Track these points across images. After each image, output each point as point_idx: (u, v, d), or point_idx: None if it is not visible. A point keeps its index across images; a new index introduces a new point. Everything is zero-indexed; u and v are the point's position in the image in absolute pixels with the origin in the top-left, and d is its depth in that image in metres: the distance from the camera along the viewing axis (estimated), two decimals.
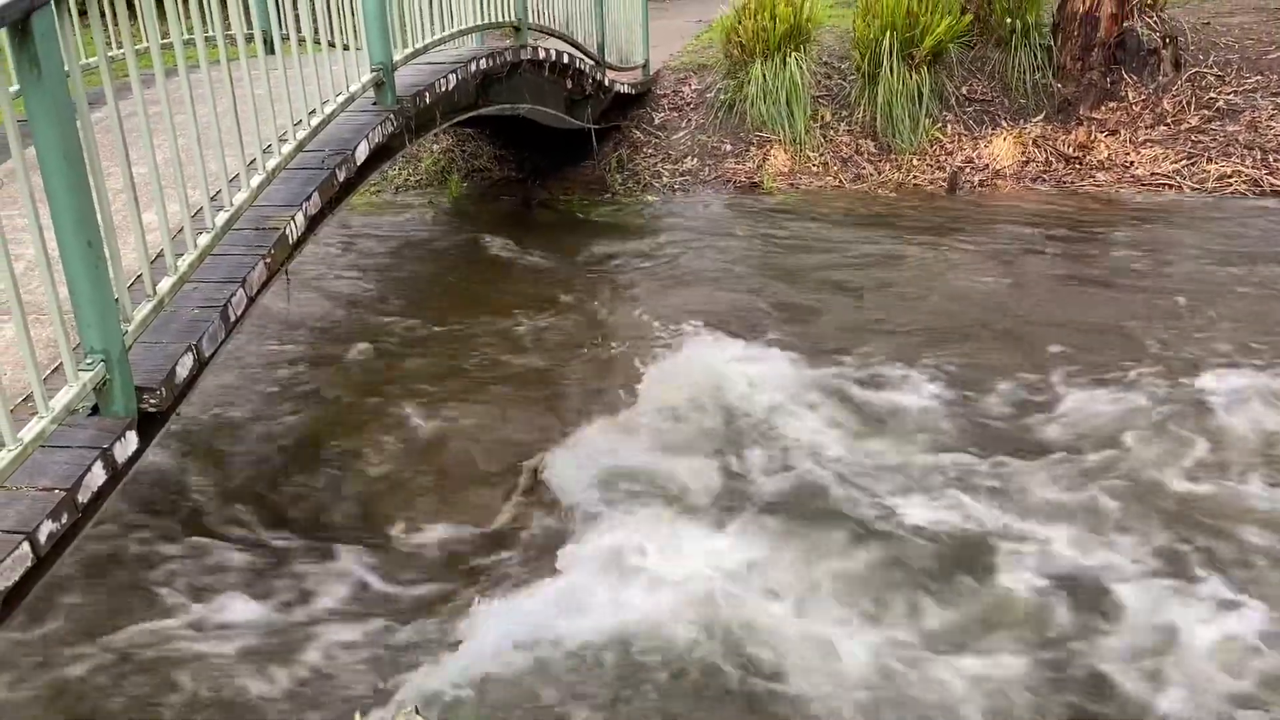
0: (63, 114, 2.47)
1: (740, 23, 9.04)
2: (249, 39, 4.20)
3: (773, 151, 8.86)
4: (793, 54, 8.88)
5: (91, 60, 4.23)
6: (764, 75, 8.89)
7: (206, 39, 3.80)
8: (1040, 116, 8.84)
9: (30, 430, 2.46)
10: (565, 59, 7.01)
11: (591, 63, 7.71)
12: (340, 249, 7.69)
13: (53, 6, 2.43)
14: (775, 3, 8.88)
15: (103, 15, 3.50)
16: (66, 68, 2.50)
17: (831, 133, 8.97)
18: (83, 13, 3.48)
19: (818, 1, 9.39)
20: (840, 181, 8.68)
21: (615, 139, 9.16)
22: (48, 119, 2.44)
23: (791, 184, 8.67)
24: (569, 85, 7.45)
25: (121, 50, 4.10)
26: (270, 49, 4.63)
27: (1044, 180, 8.49)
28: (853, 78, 9.09)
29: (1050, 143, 8.70)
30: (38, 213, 2.49)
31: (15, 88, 2.67)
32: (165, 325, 3.03)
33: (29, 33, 2.36)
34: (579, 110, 7.98)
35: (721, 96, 9.23)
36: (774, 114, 8.90)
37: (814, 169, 8.77)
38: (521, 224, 8.24)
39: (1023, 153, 8.65)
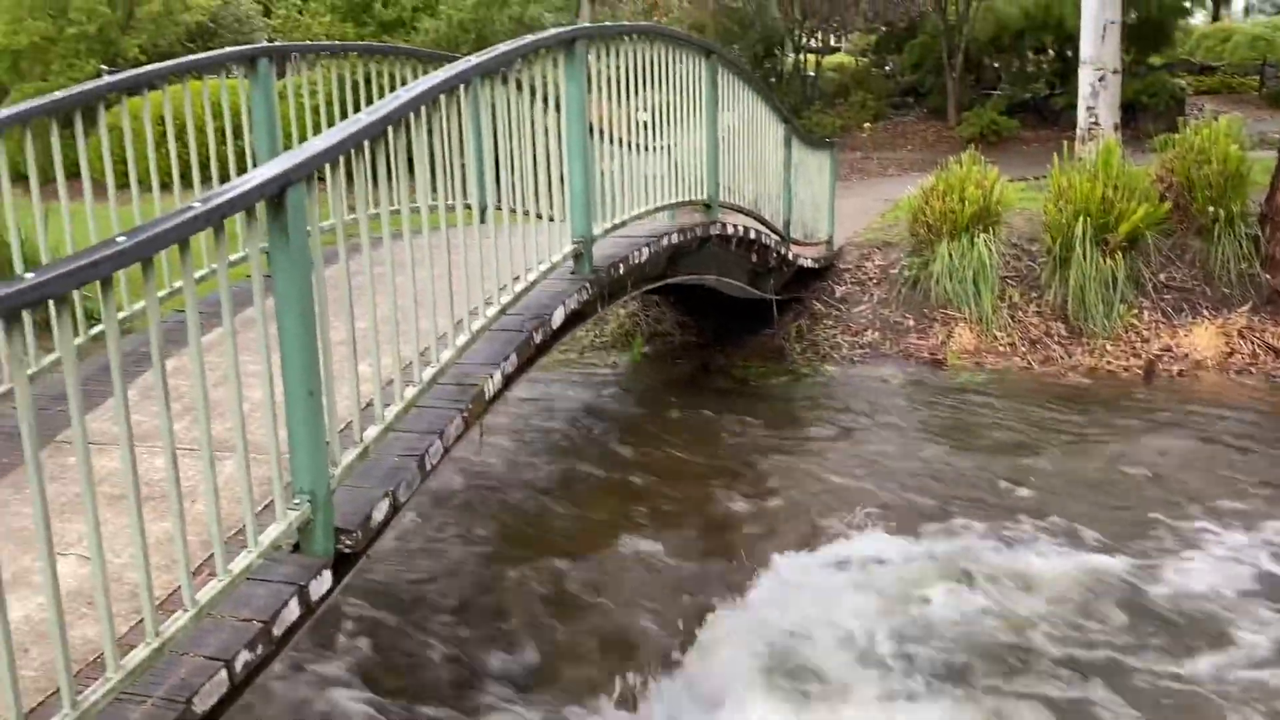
0: (303, 275, 2.74)
1: (928, 203, 9.15)
2: (465, 208, 4.56)
3: (957, 329, 8.78)
4: (981, 235, 8.88)
5: (324, 223, 4.67)
6: (950, 254, 8.91)
7: (431, 208, 4.17)
8: (1246, 307, 8.46)
9: (239, 563, 2.63)
10: (752, 234, 7.24)
11: (777, 238, 7.92)
12: (526, 404, 7.99)
13: (304, 182, 2.73)
14: (964, 185, 8.96)
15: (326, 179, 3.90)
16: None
17: (1020, 313, 8.84)
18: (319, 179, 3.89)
19: (1007, 185, 9.42)
20: (1028, 363, 8.48)
21: (796, 310, 9.30)
22: (290, 279, 2.71)
23: (976, 362, 8.53)
24: (754, 258, 7.67)
25: (352, 215, 4.51)
26: (482, 218, 5.00)
27: (1250, 373, 8.05)
28: (1043, 260, 8.99)
29: (1258, 334, 8.29)
30: (270, 361, 2.74)
31: (263, 244, 3.00)
32: (367, 471, 3.22)
33: (283, 204, 2.66)
34: (762, 282, 8.17)
35: (906, 273, 9.27)
36: (960, 292, 8.86)
37: (1000, 348, 8.62)
38: (699, 389, 8.38)
39: (1226, 343, 8.26)
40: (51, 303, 2.05)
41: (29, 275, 1.99)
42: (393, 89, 5.90)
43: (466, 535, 5.77)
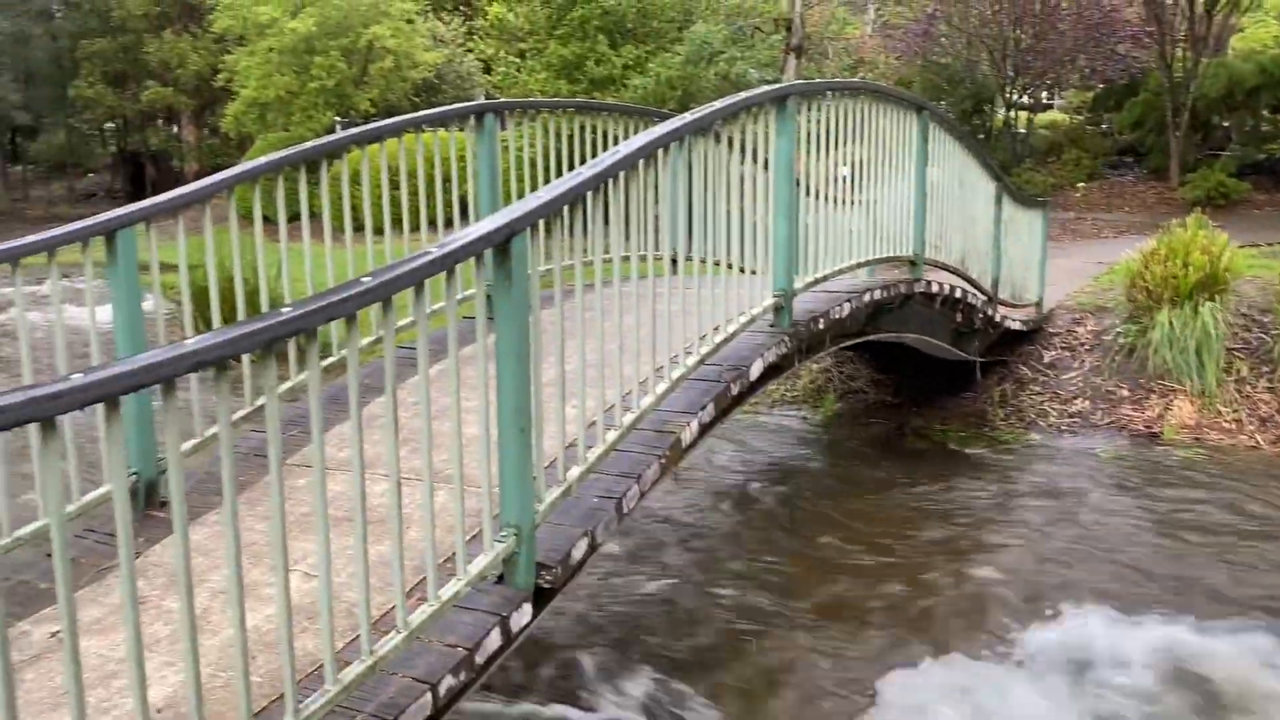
0: (522, 318, 2.87)
1: (1147, 267, 8.67)
2: (660, 259, 4.66)
3: (1176, 402, 8.24)
4: (1206, 303, 8.33)
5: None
6: (1171, 322, 8.39)
7: (627, 258, 4.29)
8: None
9: (448, 590, 2.76)
10: (958, 293, 7.06)
11: (983, 298, 7.69)
12: (715, 456, 8.02)
13: (528, 232, 2.87)
14: (1189, 249, 8.45)
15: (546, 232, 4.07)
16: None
17: (1248, 388, 8.21)
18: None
19: (1236, 251, 8.82)
20: (1257, 442, 7.86)
21: (1000, 373, 8.96)
22: (510, 322, 2.85)
23: (1196, 438, 7.97)
24: (958, 318, 7.46)
25: (559, 264, 4.69)
26: (674, 269, 5.10)
27: None
28: (1275, 332, 8.34)
29: None
30: (487, 398, 2.87)
31: (468, 291, 3.15)
32: (568, 510, 3.32)
33: (508, 251, 2.80)
34: (965, 342, 7.93)
35: (1121, 340, 8.79)
36: (1180, 362, 8.32)
37: (1225, 425, 8.03)
38: (892, 451, 8.18)
39: None
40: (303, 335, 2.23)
41: (286, 309, 2.18)
42: (603, 142, 6.14)
43: (639, 580, 5.82)
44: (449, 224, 5.41)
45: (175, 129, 29.66)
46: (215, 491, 3.80)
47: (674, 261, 5.48)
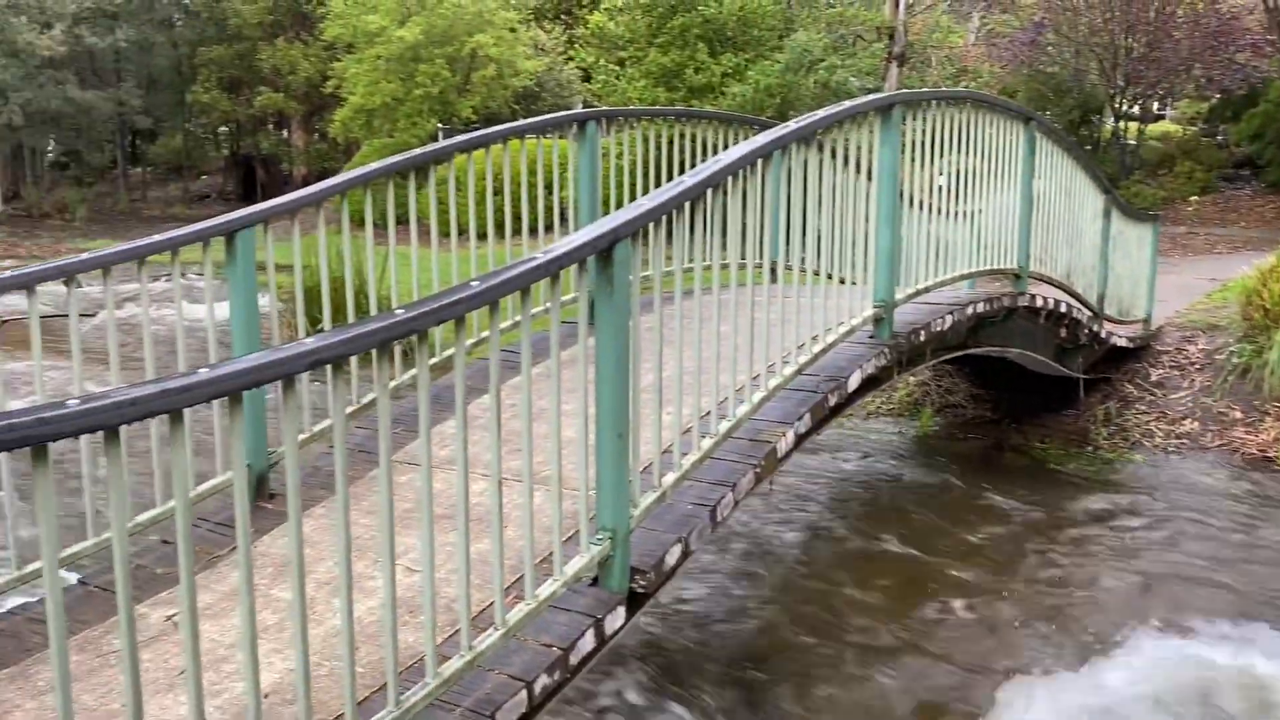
0: (622, 324, 2.90)
1: (1265, 285, 8.33)
2: (759, 267, 4.65)
3: None
4: None
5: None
6: None
7: (725, 266, 4.28)
8: None
9: (545, 589, 2.80)
10: (1062, 308, 6.89)
11: (1089, 313, 7.49)
12: (808, 465, 7.95)
13: (630, 239, 2.90)
14: None
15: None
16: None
17: None
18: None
19: None
20: None
21: (1104, 391, 8.70)
22: (610, 328, 2.88)
23: None
24: (1062, 333, 7.28)
25: (668, 269, 4.71)
26: (773, 277, 5.09)
27: None
28: None
29: None
30: (587, 402, 2.91)
31: (569, 296, 3.18)
32: (661, 515, 3.34)
33: (610, 258, 2.84)
34: (1068, 358, 7.73)
35: (1235, 360, 8.46)
36: None
37: None
38: (989, 467, 8.01)
39: None
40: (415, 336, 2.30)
41: (400, 311, 2.24)
42: (700, 150, 6.16)
43: (731, 586, 5.80)
44: (548, 229, 5.49)
45: (285, 133, 30.64)
46: (321, 485, 3.93)
47: (772, 270, 5.49)
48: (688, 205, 3.22)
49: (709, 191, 3.30)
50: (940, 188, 5.50)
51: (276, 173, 29.89)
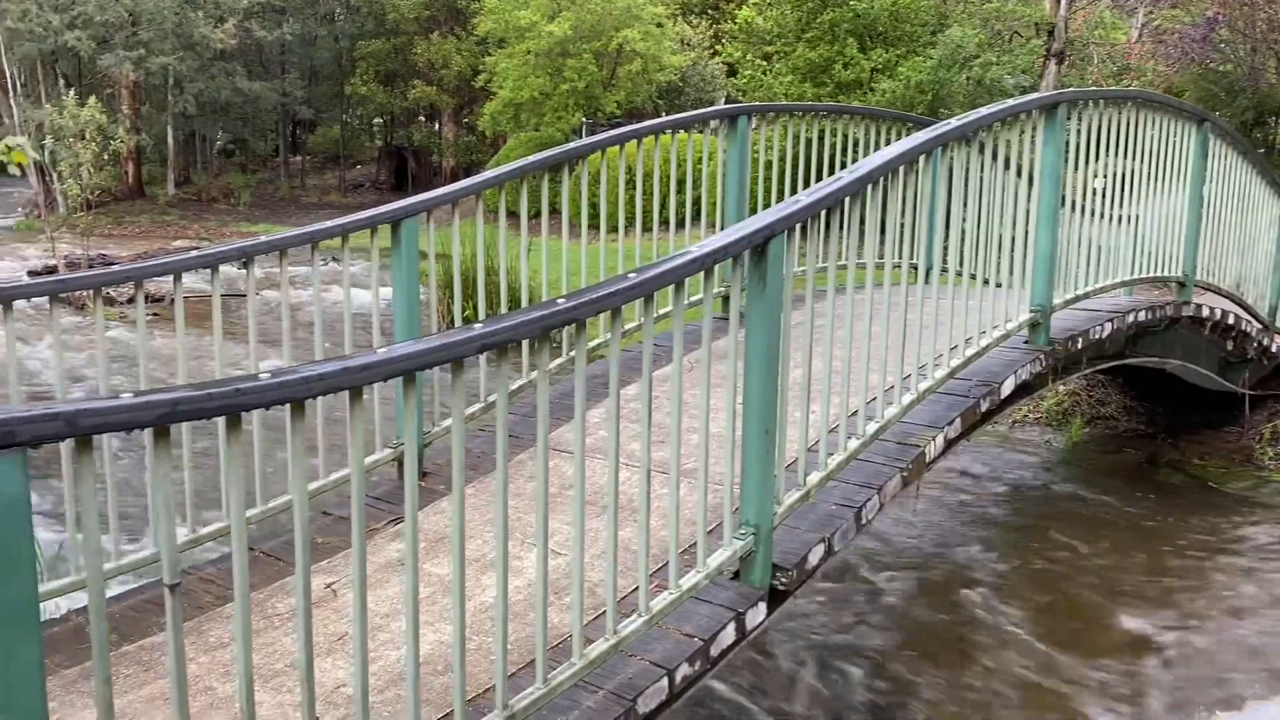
0: (774, 320, 2.90)
1: None
2: (913, 268, 4.56)
3: None
4: None
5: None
6: None
7: (882, 265, 4.21)
8: None
9: (689, 580, 2.83)
10: (1230, 319, 6.54)
11: (1259, 326, 7.08)
12: (950, 471, 7.77)
13: (785, 234, 2.90)
14: None
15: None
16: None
17: None
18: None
19: None
20: None
21: (1271, 409, 8.21)
22: (761, 323, 2.88)
23: None
24: (1228, 346, 6.91)
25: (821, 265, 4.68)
26: (926, 278, 4.98)
27: None
28: None
29: None
30: (734, 397, 2.92)
31: (717, 290, 3.17)
32: (805, 514, 3.33)
33: (765, 253, 2.84)
34: (1233, 373, 7.33)
35: None
36: None
37: None
38: (1142, 483, 7.66)
39: None
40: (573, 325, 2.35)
41: (561, 301, 2.30)
42: (848, 147, 6.07)
43: (869, 593, 5.72)
44: (680, 225, 5.50)
45: (436, 126, 31.57)
46: (470, 466, 4.05)
47: (922, 270, 5.38)
48: (845, 202, 3.19)
49: (867, 188, 3.26)
50: (1096, 190, 5.29)
51: (427, 164, 30.83)
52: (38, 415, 1.53)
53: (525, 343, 3.73)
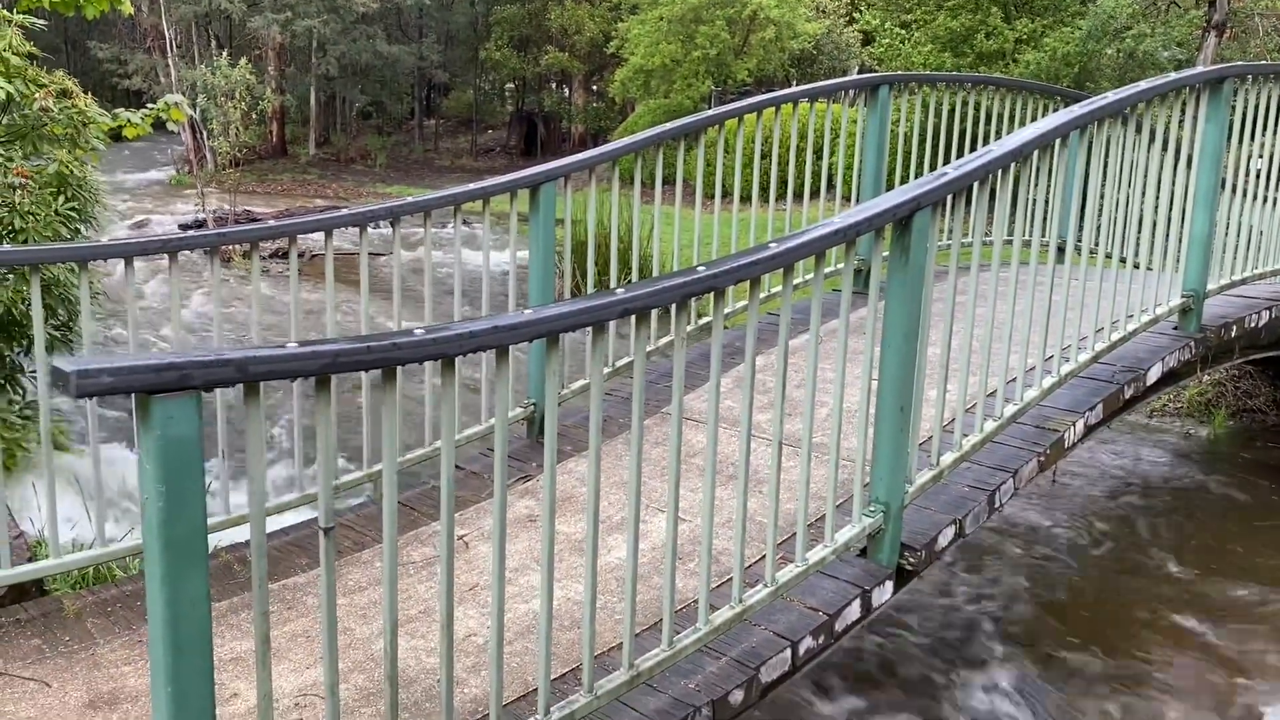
0: (915, 295, 2.84)
1: None
2: (1057, 248, 4.40)
3: None
4: None
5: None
6: None
7: (1027, 243, 4.08)
8: None
9: (815, 554, 2.82)
10: None
11: None
12: (1082, 461, 7.52)
13: (931, 208, 2.83)
14: None
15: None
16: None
17: None
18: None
19: None
20: None
21: None
22: (902, 298, 2.83)
23: None
24: None
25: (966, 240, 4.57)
26: (1060, 258, 4.80)
27: None
28: None
29: None
30: (870, 371, 2.88)
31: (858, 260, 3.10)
32: (936, 494, 3.27)
33: (909, 226, 2.78)
34: None
35: None
36: None
37: None
38: None
39: None
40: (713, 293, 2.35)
41: (701, 269, 2.30)
42: (985, 119, 5.88)
43: (983, 584, 5.59)
44: (814, 196, 5.41)
45: (566, 92, 31.81)
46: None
47: (1061, 250, 5.19)
48: (992, 177, 3.10)
49: (1014, 164, 3.16)
50: (1256, 171, 5.00)
51: (556, 129, 31.11)
52: (211, 360, 1.61)
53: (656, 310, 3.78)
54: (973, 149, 5.75)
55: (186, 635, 1.65)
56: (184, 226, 16.47)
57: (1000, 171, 3.11)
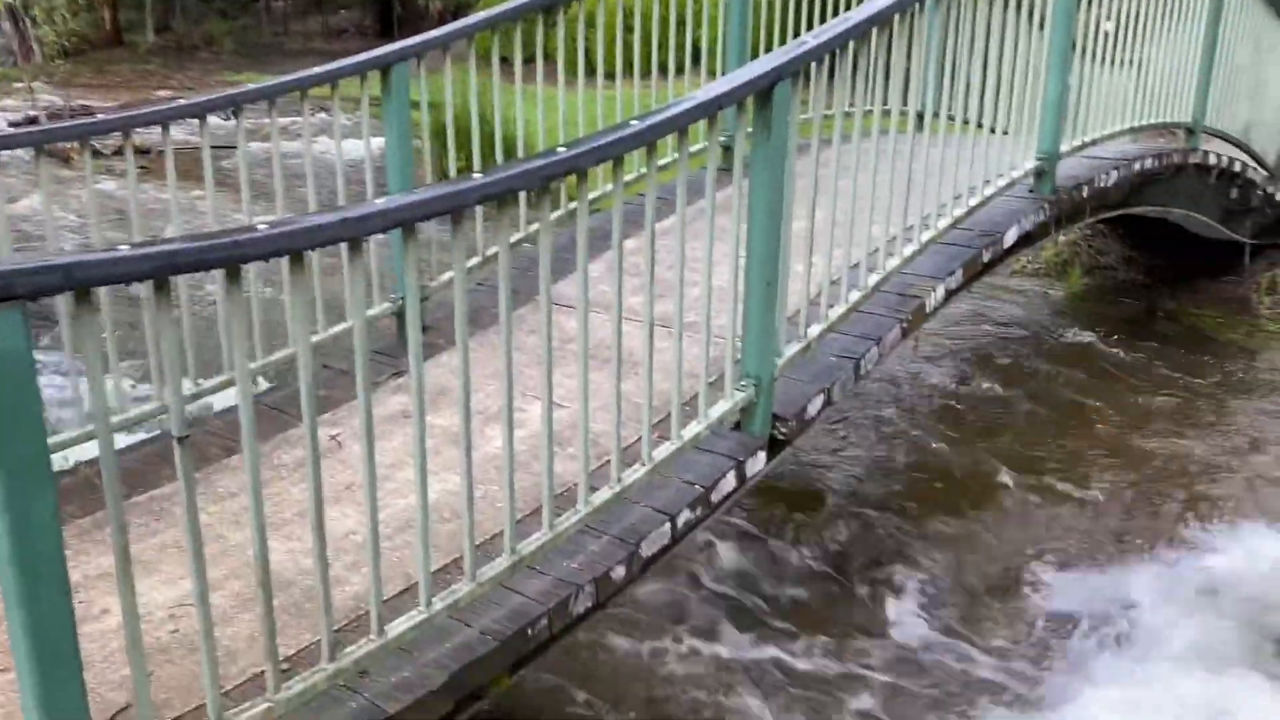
0: (778, 170, 2.84)
1: None
2: (919, 116, 4.45)
3: None
4: None
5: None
6: None
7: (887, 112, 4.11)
8: None
9: (690, 431, 2.86)
10: (1236, 167, 6.44)
11: (1264, 174, 6.99)
12: (946, 322, 7.79)
13: (791, 79, 2.81)
14: None
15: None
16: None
17: None
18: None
19: None
20: None
21: (1271, 258, 8.19)
22: (765, 174, 2.83)
23: None
24: (1232, 194, 6.83)
25: (828, 112, 4.57)
26: (920, 125, 4.85)
27: None
28: None
29: None
30: (737, 249, 2.89)
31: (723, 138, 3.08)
32: (805, 366, 3.34)
33: (770, 100, 2.76)
34: (1236, 222, 7.27)
35: None
36: None
37: None
38: (1139, 332, 7.69)
39: None
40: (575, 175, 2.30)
41: (561, 150, 2.24)
42: None
43: (865, 433, 5.83)
44: (679, 71, 5.32)
45: None
46: (472, 320, 4.03)
47: (920, 118, 5.25)
48: (851, 45, 3.08)
49: (874, 30, 3.15)
50: (1107, 33, 5.12)
51: (413, 8, 29.67)
52: (35, 268, 1.50)
53: (524, 195, 3.69)
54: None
55: (37, 559, 1.57)
56: (15, 124, 15.32)
57: (859, 39, 3.09)
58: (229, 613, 2.53)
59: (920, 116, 3.95)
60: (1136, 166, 5.17)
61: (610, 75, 4.65)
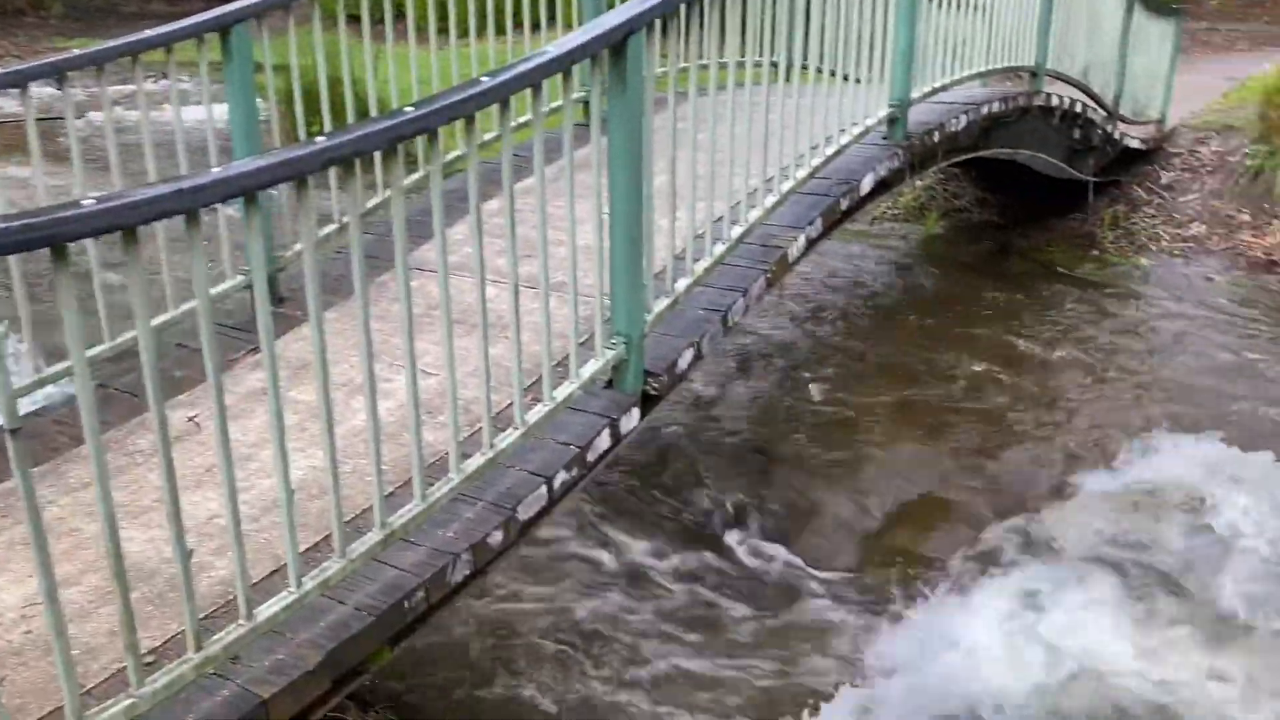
0: (635, 124, 2.82)
1: None
2: (774, 66, 4.49)
3: None
4: None
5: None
6: None
7: (741, 64, 4.13)
8: None
9: (563, 391, 2.84)
10: (1077, 108, 6.72)
11: (1103, 114, 7.31)
12: (814, 269, 7.95)
13: (644, 31, 2.78)
14: None
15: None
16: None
17: None
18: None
19: None
20: None
21: (1112, 194, 8.60)
22: (623, 128, 2.81)
23: None
24: (1075, 135, 7.13)
25: (683, 65, 4.55)
26: (788, 76, 4.90)
27: None
28: None
29: None
30: (600, 206, 2.87)
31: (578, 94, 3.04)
32: (674, 320, 3.35)
33: (624, 52, 2.73)
34: (1079, 161, 7.60)
35: (1248, 162, 8.32)
36: None
37: None
38: (995, 270, 8.01)
39: None
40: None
41: (409, 109, 2.17)
42: None
43: (732, 388, 5.93)
44: (536, 28, 5.24)
45: None
46: (330, 290, 3.91)
47: (783, 68, 5.30)
48: None
49: None
50: None
51: None
52: None
53: (378, 158, 3.57)
54: None
55: None
56: None
57: None
58: (86, 608, 2.41)
59: (775, 66, 3.99)
60: (984, 110, 5.34)
61: (464, 34, 4.54)
